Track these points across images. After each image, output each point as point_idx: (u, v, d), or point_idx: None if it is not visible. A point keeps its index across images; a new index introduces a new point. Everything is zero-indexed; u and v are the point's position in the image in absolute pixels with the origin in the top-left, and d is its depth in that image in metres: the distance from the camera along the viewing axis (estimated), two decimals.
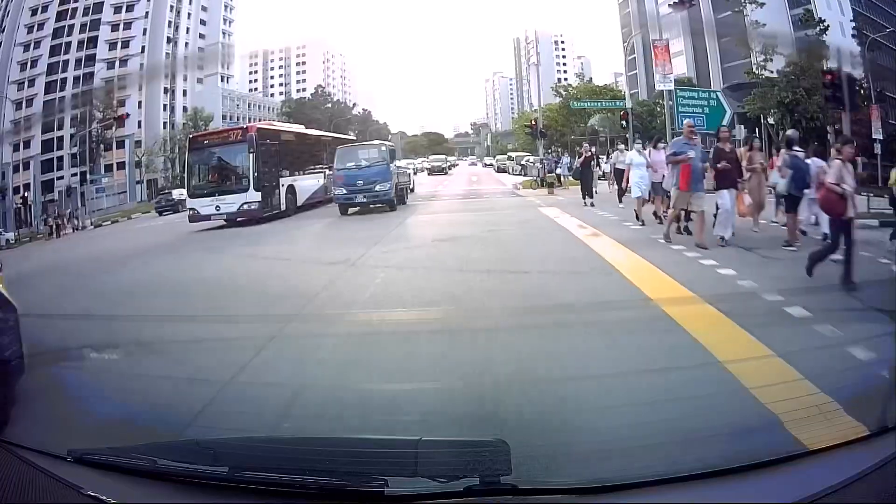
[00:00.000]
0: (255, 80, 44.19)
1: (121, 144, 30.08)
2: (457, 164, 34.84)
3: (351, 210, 14.80)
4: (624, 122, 17.71)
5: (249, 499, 1.53)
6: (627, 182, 10.48)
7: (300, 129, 20.89)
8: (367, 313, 5.07)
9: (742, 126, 20.84)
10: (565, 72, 43.65)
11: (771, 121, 21.00)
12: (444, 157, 35.68)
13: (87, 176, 27.79)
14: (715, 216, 7.65)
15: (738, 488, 1.50)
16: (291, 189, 15.86)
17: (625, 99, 20.85)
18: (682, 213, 8.09)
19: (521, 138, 32.16)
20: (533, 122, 24.11)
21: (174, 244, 12.24)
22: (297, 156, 16.94)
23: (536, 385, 3.22)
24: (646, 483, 1.56)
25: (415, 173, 24.24)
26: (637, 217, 9.86)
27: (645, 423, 2.62)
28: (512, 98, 51.49)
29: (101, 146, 29.36)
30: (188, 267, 9.10)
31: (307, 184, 16.79)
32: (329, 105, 41.12)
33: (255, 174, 14.38)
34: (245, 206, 14.26)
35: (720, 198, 7.53)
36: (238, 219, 14.35)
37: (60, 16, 31.53)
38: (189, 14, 35.24)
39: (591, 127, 27.11)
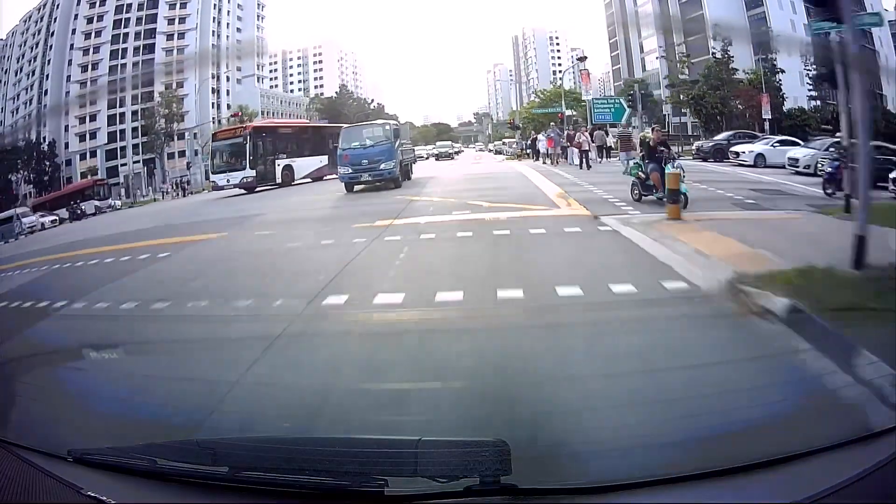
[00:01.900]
0: (276, 78, 49.39)
1: (180, 136, 37.82)
2: (462, 151, 38.05)
3: (357, 188, 15.60)
4: (561, 120, 27.54)
5: (249, 499, 1.53)
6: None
7: (300, 122, 27.66)
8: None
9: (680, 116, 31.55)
10: (560, 64, 48.11)
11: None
12: (450, 143, 39.13)
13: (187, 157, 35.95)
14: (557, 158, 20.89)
15: (738, 488, 1.50)
16: (289, 167, 21.03)
17: (561, 106, 30.26)
18: (553, 156, 21.16)
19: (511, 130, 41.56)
20: (511, 120, 39.10)
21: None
22: (294, 143, 22.38)
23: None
24: (646, 483, 1.56)
25: (426, 158, 30.45)
26: (543, 162, 21.77)
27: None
28: (512, 88, 56.95)
29: (165, 138, 36.43)
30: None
31: (305, 163, 21.74)
32: (352, 101, 46.97)
33: (251, 158, 19.90)
34: (244, 180, 19.70)
35: (571, 151, 19.72)
36: (240, 188, 19.61)
37: (116, 24, 37.93)
38: (228, 24, 42.12)
39: (571, 117, 33.39)
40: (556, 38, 49.56)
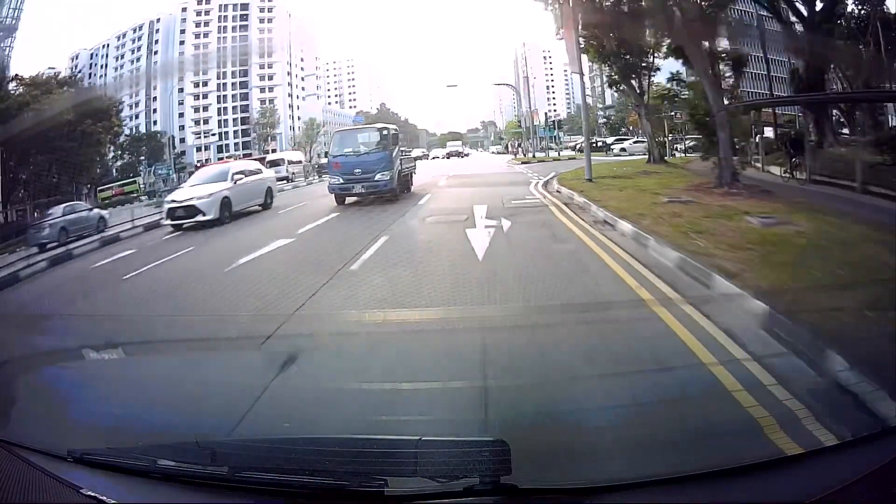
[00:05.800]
0: (319, 96, 53.84)
1: (273, 138, 47.11)
2: (469, 154, 43.32)
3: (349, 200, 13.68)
4: (521, 137, 38.53)
5: (249, 499, 1.53)
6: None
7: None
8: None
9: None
10: (553, 80, 52.43)
11: None
12: (460, 142, 45.09)
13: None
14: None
15: (737, 488, 1.50)
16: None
17: (521, 128, 39.79)
18: (512, 152, 33.88)
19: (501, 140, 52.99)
20: (500, 136, 49.67)
21: None
22: None
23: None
24: (646, 483, 1.56)
25: (441, 158, 36.60)
26: (507, 154, 34.42)
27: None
28: (514, 98, 61.14)
29: (263, 142, 45.21)
30: None
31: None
32: (389, 116, 54.18)
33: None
34: None
35: (520, 150, 32.12)
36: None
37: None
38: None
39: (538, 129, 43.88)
40: (550, 56, 54.25)
